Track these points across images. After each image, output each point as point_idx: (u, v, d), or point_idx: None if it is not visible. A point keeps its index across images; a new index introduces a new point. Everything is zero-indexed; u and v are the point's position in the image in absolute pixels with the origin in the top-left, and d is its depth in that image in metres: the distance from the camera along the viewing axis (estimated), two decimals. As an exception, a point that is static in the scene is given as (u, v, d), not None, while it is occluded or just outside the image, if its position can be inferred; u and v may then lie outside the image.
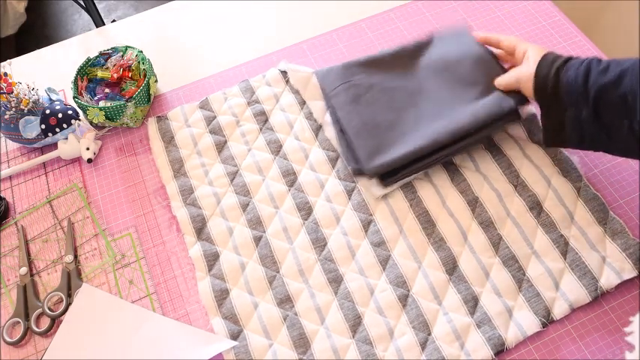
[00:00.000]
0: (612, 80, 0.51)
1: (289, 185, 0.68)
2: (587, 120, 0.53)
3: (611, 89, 0.51)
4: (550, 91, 0.56)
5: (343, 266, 0.61)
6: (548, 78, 0.56)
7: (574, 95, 0.54)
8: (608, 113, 0.52)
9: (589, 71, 0.53)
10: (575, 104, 0.54)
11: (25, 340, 0.60)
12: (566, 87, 0.54)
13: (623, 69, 0.51)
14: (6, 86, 0.69)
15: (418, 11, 0.84)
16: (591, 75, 0.53)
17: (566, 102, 0.55)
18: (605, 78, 0.52)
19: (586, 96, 0.53)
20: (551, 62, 0.57)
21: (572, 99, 0.54)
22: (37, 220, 0.68)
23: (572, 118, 0.55)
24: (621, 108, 0.50)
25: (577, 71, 0.54)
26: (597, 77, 0.52)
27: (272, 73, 0.78)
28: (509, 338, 0.56)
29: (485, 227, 0.63)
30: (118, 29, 0.88)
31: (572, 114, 0.54)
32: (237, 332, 0.58)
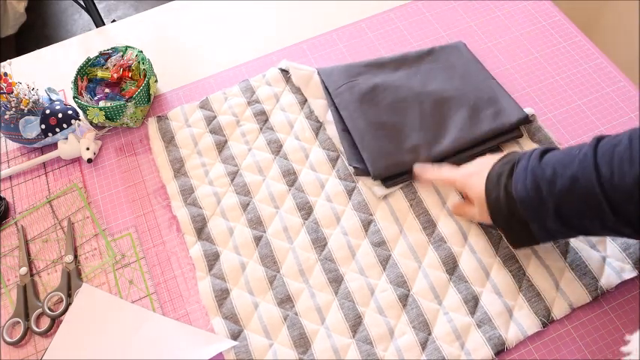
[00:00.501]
0: (566, 189, 0.48)
1: (289, 185, 0.68)
2: (554, 228, 0.50)
3: (567, 198, 0.48)
4: (506, 213, 0.53)
5: (343, 266, 0.61)
6: (500, 201, 0.53)
7: (532, 211, 0.51)
8: (575, 219, 0.49)
9: (537, 183, 0.50)
10: (536, 218, 0.51)
11: (25, 340, 0.60)
12: (521, 205, 0.51)
13: (573, 173, 0.48)
14: (6, 86, 0.69)
15: (418, 11, 0.84)
16: (541, 187, 0.49)
17: (527, 217, 0.51)
18: (557, 188, 0.48)
19: (545, 209, 0.49)
20: (496, 180, 0.53)
21: (533, 214, 0.51)
22: (37, 220, 0.68)
23: (539, 229, 0.52)
24: (586, 211, 0.48)
25: (525, 184, 0.50)
26: (549, 188, 0.49)
27: (272, 73, 0.78)
28: (510, 338, 0.56)
29: (485, 227, 0.63)
30: (118, 29, 0.88)
31: (538, 226, 0.51)
32: (237, 332, 0.58)
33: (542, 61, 0.77)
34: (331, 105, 0.72)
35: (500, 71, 0.76)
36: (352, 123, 0.68)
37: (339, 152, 0.70)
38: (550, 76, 0.76)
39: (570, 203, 0.48)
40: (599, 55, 0.77)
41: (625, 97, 0.73)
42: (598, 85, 0.74)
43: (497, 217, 0.54)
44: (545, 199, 0.49)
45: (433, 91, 0.71)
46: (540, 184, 0.50)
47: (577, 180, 0.47)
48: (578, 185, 0.47)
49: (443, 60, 0.75)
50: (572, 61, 0.77)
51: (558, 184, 0.48)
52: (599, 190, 0.46)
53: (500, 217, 0.54)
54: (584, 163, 0.47)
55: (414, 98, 0.70)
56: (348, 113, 0.69)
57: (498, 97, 0.70)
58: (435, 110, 0.69)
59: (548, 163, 0.50)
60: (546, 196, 0.49)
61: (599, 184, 0.46)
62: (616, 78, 0.75)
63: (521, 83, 0.75)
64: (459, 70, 0.74)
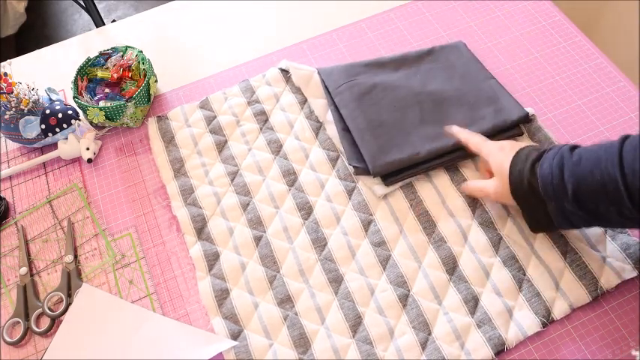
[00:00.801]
0: (588, 170, 0.49)
1: (289, 185, 0.68)
2: (571, 211, 0.51)
3: (588, 180, 0.49)
4: (527, 188, 0.54)
5: (343, 266, 0.61)
6: (524, 174, 0.54)
7: (552, 190, 0.52)
8: (591, 203, 0.50)
9: (562, 164, 0.51)
10: (555, 198, 0.52)
11: (25, 340, 0.60)
12: (542, 182, 0.52)
13: (597, 157, 0.49)
14: (6, 86, 0.69)
15: (418, 11, 0.84)
16: (565, 167, 0.51)
17: (545, 197, 0.52)
18: (580, 169, 0.50)
19: (565, 190, 0.50)
20: (525, 157, 0.55)
21: (551, 194, 0.52)
22: (37, 220, 0.68)
23: (556, 210, 0.53)
24: (603, 197, 0.48)
25: (551, 164, 0.52)
26: (572, 169, 0.50)
27: (272, 73, 0.78)
28: (510, 338, 0.56)
29: (485, 227, 0.63)
30: (118, 29, 0.88)
31: (555, 206, 0.52)
32: (237, 332, 0.58)
33: (542, 61, 0.77)
34: (331, 104, 0.72)
35: (500, 71, 0.77)
36: (352, 122, 0.68)
37: (339, 152, 0.70)
38: (550, 76, 0.76)
39: (589, 186, 0.49)
40: (599, 55, 0.77)
41: (625, 97, 0.73)
42: (598, 85, 0.74)
43: (517, 192, 0.55)
44: (566, 181, 0.50)
45: (433, 91, 0.71)
46: (565, 167, 0.51)
47: (599, 164, 0.48)
48: (599, 169, 0.48)
49: (443, 60, 0.75)
50: (572, 61, 0.77)
51: (581, 166, 0.50)
52: (620, 176, 0.46)
53: (520, 192, 0.55)
54: (610, 150, 0.48)
55: (414, 97, 0.71)
56: (348, 112, 0.69)
57: (498, 95, 0.70)
58: (434, 109, 0.69)
59: (577, 152, 0.52)
60: (568, 178, 0.50)
61: (621, 170, 0.46)
62: (616, 78, 0.75)
63: (521, 83, 0.75)
64: (459, 69, 0.74)
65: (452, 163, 0.67)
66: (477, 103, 0.70)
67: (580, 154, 0.51)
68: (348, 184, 0.67)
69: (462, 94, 0.71)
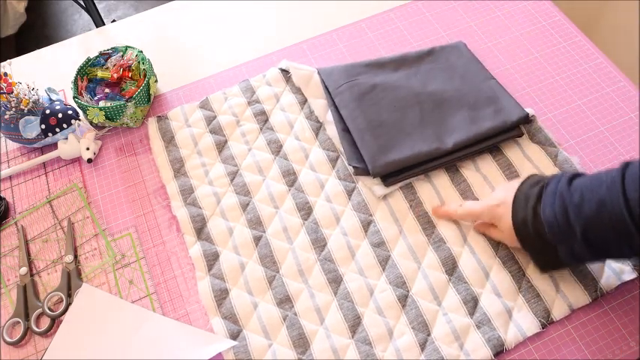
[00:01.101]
0: (594, 214, 0.48)
1: (289, 185, 0.68)
2: (582, 253, 0.50)
3: (596, 223, 0.48)
4: (534, 235, 0.53)
5: (343, 266, 0.61)
6: (528, 222, 0.53)
7: (560, 235, 0.51)
8: (602, 244, 0.49)
9: (566, 208, 0.50)
10: (564, 242, 0.51)
11: (25, 340, 0.60)
12: (549, 228, 0.51)
13: (600, 198, 0.48)
14: (6, 86, 0.69)
15: (418, 11, 0.84)
16: (569, 212, 0.49)
17: (554, 242, 0.52)
18: (585, 212, 0.48)
19: (573, 234, 0.49)
20: (525, 203, 0.54)
21: (559, 238, 0.51)
22: (37, 220, 0.68)
23: (566, 253, 0.52)
24: (614, 237, 0.47)
25: (554, 209, 0.51)
26: (577, 213, 0.49)
27: (272, 73, 0.78)
28: (509, 339, 0.56)
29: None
30: (118, 29, 0.88)
31: (565, 250, 0.52)
32: (236, 332, 0.58)
33: (542, 61, 0.77)
34: (331, 105, 0.72)
35: (500, 71, 0.76)
36: (352, 122, 0.68)
37: (339, 152, 0.70)
38: (550, 76, 0.76)
39: (598, 228, 0.48)
40: (599, 55, 0.77)
41: (625, 97, 0.73)
42: (598, 85, 0.74)
43: (524, 240, 0.55)
44: (572, 223, 0.49)
45: (433, 91, 0.71)
46: (568, 208, 0.50)
47: (604, 205, 0.47)
48: (605, 210, 0.47)
49: (443, 60, 0.75)
50: (572, 61, 0.77)
51: (586, 209, 0.48)
52: (627, 215, 0.45)
53: (528, 240, 0.54)
54: (612, 188, 0.47)
55: (414, 98, 0.71)
56: (348, 112, 0.69)
57: (498, 96, 0.70)
58: (434, 109, 0.69)
59: (576, 188, 0.50)
60: (574, 221, 0.49)
61: (627, 208, 0.45)
62: (616, 78, 0.75)
63: (521, 83, 0.75)
64: (459, 70, 0.74)
65: (452, 163, 0.67)
66: (477, 103, 0.69)
67: (581, 193, 0.49)
68: (348, 184, 0.67)
69: (461, 95, 0.71)
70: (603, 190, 0.48)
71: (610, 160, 0.67)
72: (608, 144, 0.69)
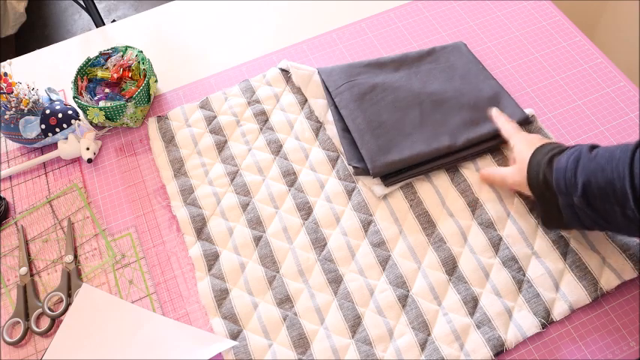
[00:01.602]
0: (600, 167, 0.49)
1: (289, 185, 0.68)
2: (579, 207, 0.51)
3: (599, 175, 0.49)
4: (541, 181, 0.54)
5: (343, 266, 0.61)
6: (540, 166, 0.55)
7: (564, 183, 0.52)
8: (597, 200, 0.50)
9: (579, 159, 0.52)
10: (565, 193, 0.52)
11: (25, 340, 0.60)
12: (556, 175, 0.53)
13: (611, 155, 0.49)
14: (6, 86, 0.69)
15: (418, 11, 0.84)
16: (580, 162, 0.51)
17: (557, 190, 0.53)
18: (593, 164, 0.50)
19: (575, 184, 0.51)
20: (547, 150, 0.56)
21: (562, 187, 0.52)
22: (37, 220, 0.68)
23: (565, 205, 0.53)
24: (610, 194, 0.48)
25: (568, 159, 0.53)
26: (586, 164, 0.51)
27: (272, 73, 0.78)
28: (509, 339, 0.56)
29: (485, 228, 0.63)
30: (118, 29, 0.88)
31: (564, 201, 0.53)
32: (236, 332, 0.58)
33: (542, 61, 0.77)
34: (331, 105, 0.72)
35: (500, 71, 0.76)
36: (352, 122, 0.68)
37: (339, 152, 0.70)
38: (550, 76, 0.76)
39: (599, 182, 0.49)
40: (599, 55, 0.77)
41: (625, 97, 0.73)
42: (598, 85, 0.74)
43: (532, 183, 0.56)
44: (578, 174, 0.51)
45: (433, 91, 0.71)
46: (581, 160, 0.52)
47: (612, 161, 0.49)
48: (610, 166, 0.49)
49: (443, 60, 0.75)
50: (572, 61, 0.77)
51: (595, 162, 0.50)
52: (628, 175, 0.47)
53: (535, 184, 0.56)
54: (625, 149, 0.49)
55: (414, 98, 0.71)
56: (348, 112, 0.69)
57: (499, 97, 0.70)
58: (434, 110, 0.69)
59: (596, 149, 0.52)
60: (580, 171, 0.51)
61: (630, 170, 0.47)
62: (616, 78, 0.75)
63: (521, 83, 0.75)
64: (459, 70, 0.74)
65: (452, 164, 0.67)
66: (477, 104, 0.69)
67: (597, 151, 0.51)
68: (348, 184, 0.67)
69: (461, 95, 0.71)
70: (617, 151, 0.49)
71: (610, 160, 0.67)
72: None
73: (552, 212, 0.56)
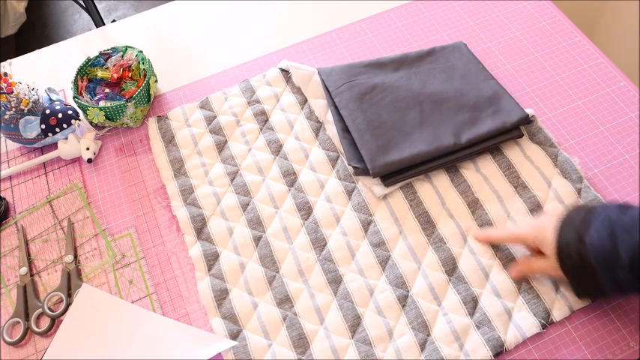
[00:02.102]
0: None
1: (289, 185, 0.68)
2: (626, 281, 0.49)
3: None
4: (576, 259, 0.51)
5: (343, 266, 0.61)
6: (571, 246, 0.51)
7: (605, 261, 0.49)
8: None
9: (614, 231, 0.49)
10: (608, 269, 0.50)
11: (25, 340, 0.60)
12: (595, 254, 0.50)
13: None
14: (6, 86, 0.69)
15: (418, 11, 0.84)
16: (618, 237, 0.49)
17: (597, 268, 0.50)
18: (635, 237, 0.48)
19: (619, 260, 0.48)
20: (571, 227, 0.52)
21: (604, 265, 0.50)
22: (37, 220, 0.68)
23: (609, 280, 0.50)
24: None
25: (600, 232, 0.50)
26: (625, 238, 0.48)
27: (272, 73, 0.78)
28: (509, 339, 0.56)
29: (485, 228, 0.63)
30: (118, 29, 0.88)
31: (608, 277, 0.50)
32: (236, 332, 0.58)
33: (542, 61, 0.77)
34: (331, 105, 0.72)
35: (500, 71, 0.76)
36: (352, 122, 0.68)
37: (339, 153, 0.70)
38: (550, 76, 0.76)
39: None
40: (599, 55, 0.77)
41: (625, 97, 0.73)
42: (598, 85, 0.74)
43: (565, 263, 0.52)
44: (620, 249, 0.48)
45: (433, 92, 0.71)
46: (617, 232, 0.49)
47: None
48: None
49: (443, 60, 0.75)
50: (572, 61, 0.77)
51: (636, 234, 0.48)
52: None
53: (569, 264, 0.52)
54: None
55: (414, 98, 0.71)
56: (348, 112, 0.69)
57: (499, 96, 0.70)
58: (435, 110, 0.69)
59: (627, 214, 0.50)
60: (622, 248, 0.48)
61: None
62: (616, 78, 0.75)
63: (521, 83, 0.75)
64: (459, 70, 0.74)
65: (452, 164, 0.67)
66: (477, 104, 0.69)
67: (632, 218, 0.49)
68: (348, 184, 0.67)
69: (461, 95, 0.71)
70: None
71: (610, 160, 0.67)
72: (608, 144, 0.69)
73: (589, 286, 0.53)
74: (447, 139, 0.66)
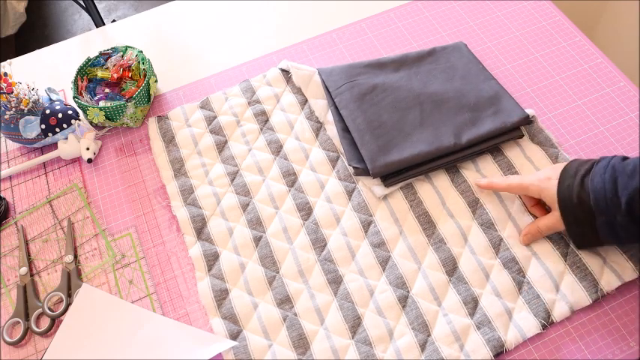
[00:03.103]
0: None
1: (289, 185, 0.68)
2: (622, 224, 0.51)
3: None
4: (576, 202, 0.54)
5: (343, 267, 0.61)
6: (573, 189, 0.54)
7: (604, 203, 0.52)
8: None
9: (616, 178, 0.51)
10: (606, 212, 0.52)
11: (25, 340, 0.60)
12: (594, 196, 0.52)
13: None
14: (6, 86, 0.69)
15: (418, 11, 0.84)
16: (619, 180, 0.51)
17: (595, 211, 0.52)
18: (634, 183, 0.50)
19: (618, 203, 0.51)
20: (574, 172, 0.55)
21: (603, 207, 0.52)
22: (37, 220, 0.68)
23: (605, 224, 0.53)
24: None
25: (603, 178, 0.52)
26: (627, 182, 0.50)
27: (273, 73, 0.78)
28: (509, 340, 0.56)
29: (485, 228, 0.63)
30: (118, 29, 0.88)
31: (605, 221, 0.52)
32: (236, 332, 0.58)
33: (542, 61, 0.77)
34: (331, 105, 0.72)
35: (500, 71, 0.76)
36: (352, 122, 0.68)
37: (339, 153, 0.70)
38: (550, 76, 0.76)
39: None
40: (599, 55, 0.77)
41: (625, 97, 0.73)
42: (598, 85, 0.74)
43: (565, 207, 0.55)
44: (619, 193, 0.50)
45: (433, 92, 0.71)
46: (618, 178, 0.51)
47: None
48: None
49: (443, 60, 0.75)
50: (572, 61, 0.77)
51: (636, 180, 0.50)
52: None
53: (569, 207, 0.54)
54: None
55: (415, 98, 0.71)
56: (348, 112, 0.69)
57: (499, 97, 0.70)
58: (435, 110, 0.69)
59: (630, 162, 0.52)
60: (622, 190, 0.50)
61: None
62: (616, 78, 0.75)
63: (521, 83, 0.75)
64: (459, 70, 0.74)
65: (452, 164, 0.67)
66: (478, 104, 0.69)
67: (634, 166, 0.51)
68: (348, 184, 0.67)
69: (462, 95, 0.71)
70: None
71: (610, 161, 0.67)
72: (608, 144, 0.69)
73: (586, 232, 0.55)
74: (448, 139, 0.66)
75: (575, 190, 0.54)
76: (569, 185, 0.55)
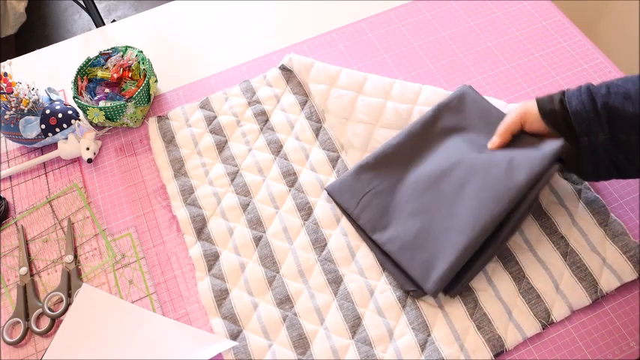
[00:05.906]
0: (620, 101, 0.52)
1: (289, 185, 0.68)
2: (603, 144, 0.53)
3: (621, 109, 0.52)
4: (562, 124, 0.55)
5: (343, 267, 0.61)
6: (557, 112, 0.55)
7: (586, 123, 0.53)
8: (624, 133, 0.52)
9: (593, 97, 0.53)
10: (588, 132, 0.53)
11: (25, 340, 0.60)
12: (575, 116, 0.54)
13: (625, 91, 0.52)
14: (6, 86, 0.69)
15: (418, 11, 0.84)
16: (597, 99, 0.53)
17: (579, 131, 0.54)
18: (612, 99, 0.52)
19: (599, 120, 0.53)
20: (549, 99, 0.57)
21: (585, 127, 0.53)
22: (37, 220, 0.68)
23: (588, 146, 0.54)
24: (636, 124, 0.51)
25: (580, 99, 0.54)
26: (604, 99, 0.53)
27: (273, 74, 0.78)
28: (509, 340, 0.56)
29: None
30: (118, 29, 0.88)
31: (588, 140, 0.54)
32: (236, 332, 0.58)
33: (542, 61, 0.77)
34: (357, 227, 0.64)
35: (500, 71, 0.76)
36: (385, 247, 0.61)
37: (339, 152, 0.70)
38: (550, 76, 0.76)
39: (623, 115, 0.52)
40: (599, 55, 0.77)
41: (625, 97, 0.73)
42: (598, 86, 0.74)
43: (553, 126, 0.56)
44: (599, 110, 0.53)
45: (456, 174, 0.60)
46: (596, 98, 0.53)
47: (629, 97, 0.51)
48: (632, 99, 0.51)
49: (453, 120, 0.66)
50: (572, 61, 0.77)
51: (612, 97, 0.52)
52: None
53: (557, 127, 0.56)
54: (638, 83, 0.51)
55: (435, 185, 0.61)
56: (378, 236, 0.61)
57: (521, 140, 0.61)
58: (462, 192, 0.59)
59: (602, 85, 0.55)
60: (601, 107, 0.53)
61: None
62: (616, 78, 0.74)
63: (521, 83, 0.75)
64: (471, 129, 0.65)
65: (503, 244, 0.58)
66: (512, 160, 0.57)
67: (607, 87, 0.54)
68: (348, 184, 0.67)
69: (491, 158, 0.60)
70: (629, 85, 0.52)
71: (610, 161, 0.67)
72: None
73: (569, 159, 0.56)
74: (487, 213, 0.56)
75: (559, 115, 0.55)
76: (552, 110, 0.56)
